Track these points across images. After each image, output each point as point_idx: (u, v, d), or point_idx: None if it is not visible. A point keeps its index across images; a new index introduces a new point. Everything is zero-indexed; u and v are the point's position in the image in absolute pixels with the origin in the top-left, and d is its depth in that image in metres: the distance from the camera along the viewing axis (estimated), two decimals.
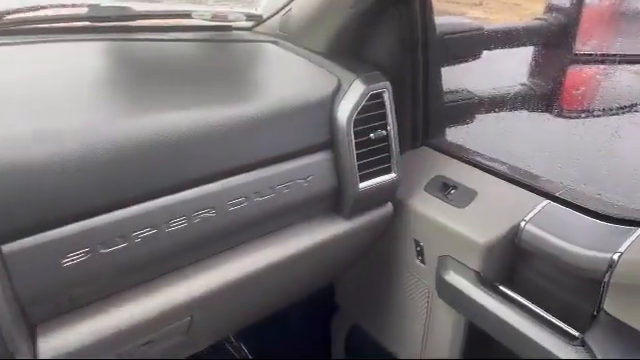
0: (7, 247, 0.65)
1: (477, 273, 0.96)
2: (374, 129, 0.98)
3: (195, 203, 0.80)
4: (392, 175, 1.02)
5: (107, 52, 1.03)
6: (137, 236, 0.75)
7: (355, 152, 0.95)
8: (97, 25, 1.12)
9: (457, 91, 1.28)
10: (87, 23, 1.12)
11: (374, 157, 0.99)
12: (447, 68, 1.19)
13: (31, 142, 0.67)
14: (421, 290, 1.12)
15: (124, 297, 0.79)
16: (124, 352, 0.82)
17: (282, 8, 1.15)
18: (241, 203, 0.86)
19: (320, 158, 0.95)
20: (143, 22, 1.18)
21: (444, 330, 1.08)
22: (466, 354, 1.06)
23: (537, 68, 1.34)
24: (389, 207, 1.09)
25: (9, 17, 1.02)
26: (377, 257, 1.20)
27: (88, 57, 0.98)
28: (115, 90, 0.87)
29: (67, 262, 0.70)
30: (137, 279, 0.80)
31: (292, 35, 1.12)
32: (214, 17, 1.21)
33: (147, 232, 0.76)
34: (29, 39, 1.00)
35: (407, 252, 1.12)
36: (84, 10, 1.07)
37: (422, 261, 1.09)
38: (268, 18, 1.21)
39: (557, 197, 0.95)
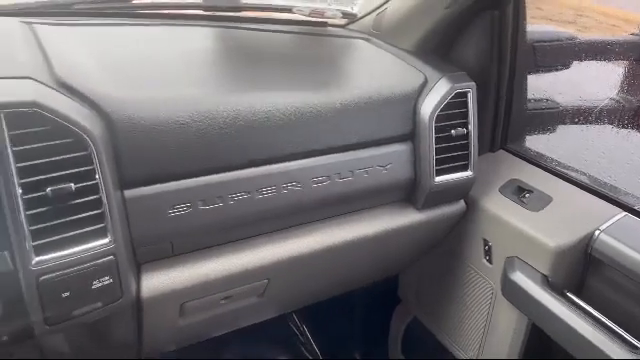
0: (129, 192, 0.77)
1: (545, 277, 0.98)
2: (455, 127, 1.02)
3: (284, 176, 0.89)
4: (468, 173, 1.06)
5: (217, 37, 1.15)
6: (232, 198, 0.85)
7: (435, 146, 1.00)
8: (208, 14, 1.25)
9: (541, 99, 1.28)
10: (200, 11, 1.25)
11: (452, 153, 1.03)
12: (534, 75, 1.21)
13: (167, 104, 0.78)
14: (485, 289, 1.14)
15: (215, 252, 0.88)
16: (206, 302, 0.92)
17: (377, 8, 1.22)
18: (323, 181, 0.93)
19: (400, 149, 1.01)
20: (248, 13, 1.30)
21: (505, 330, 1.10)
22: (525, 355, 1.07)
23: (630, 83, 1.32)
24: (461, 204, 1.12)
25: (138, 2, 1.18)
26: (443, 253, 1.24)
27: (201, 40, 1.10)
28: (226, 70, 0.98)
29: (172, 213, 0.80)
30: (227, 237, 0.90)
31: (384, 33, 1.19)
32: (312, 13, 1.30)
33: (241, 196, 0.85)
34: (155, 22, 1.14)
35: (474, 250, 1.15)
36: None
37: (489, 260, 1.11)
38: (362, 17, 1.28)
39: (635, 210, 0.95)
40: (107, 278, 0.73)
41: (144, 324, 0.87)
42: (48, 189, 0.67)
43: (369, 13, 1.25)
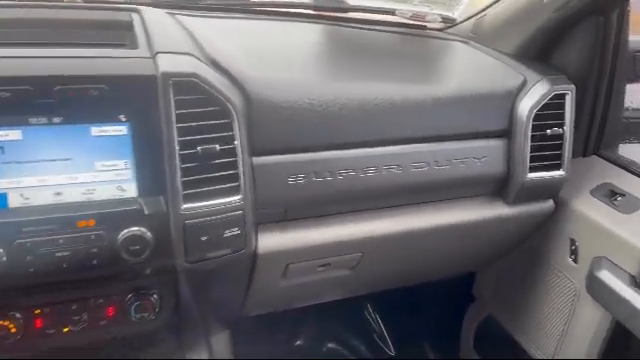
0: (256, 160, 0.88)
1: (633, 277, 1.00)
2: (551, 127, 1.06)
3: (387, 158, 0.97)
4: (561, 172, 1.09)
5: (327, 33, 1.26)
6: (340, 174, 0.94)
7: (530, 143, 1.05)
8: (317, 13, 1.37)
9: (638, 109, 1.29)
10: (310, 11, 1.38)
11: (546, 152, 1.07)
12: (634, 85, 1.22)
13: (295, 86, 0.90)
14: (567, 288, 1.17)
15: (320, 221, 0.99)
16: (306, 267, 1.02)
17: (477, 13, 1.28)
18: (422, 167, 1.01)
19: (495, 144, 1.07)
20: (352, 15, 1.41)
21: (585, 330, 1.12)
22: (605, 355, 1.09)
23: None
24: (550, 203, 1.16)
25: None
26: (525, 251, 1.27)
27: (313, 34, 1.22)
28: (336, 61, 1.09)
29: (290, 181, 0.91)
30: (332, 209, 1.00)
31: (483, 37, 1.25)
32: (413, 16, 1.39)
33: (348, 173, 0.95)
34: (271, 18, 1.28)
35: (560, 250, 1.18)
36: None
37: (574, 260, 1.14)
38: (461, 22, 1.35)
39: None
40: (236, 229, 0.84)
41: (253, 280, 0.98)
42: (199, 148, 0.79)
43: (469, 18, 1.32)
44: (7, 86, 0.70)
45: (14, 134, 0.72)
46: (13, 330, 0.78)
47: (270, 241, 0.94)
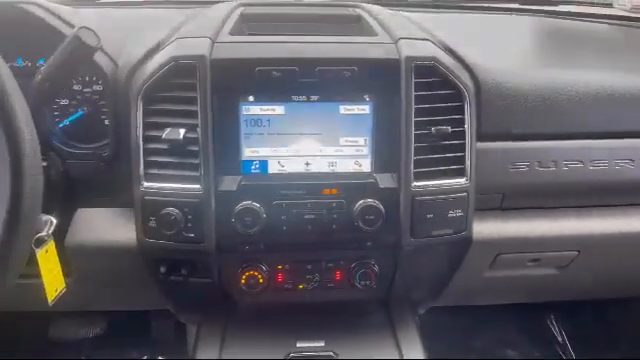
0: (480, 145, 0.89)
1: None
2: None
3: (620, 152, 0.92)
4: None
5: (538, 24, 1.23)
6: (565, 165, 0.91)
7: None
8: (525, 7, 1.34)
9: None
10: (516, 5, 1.36)
11: None
12: None
13: (524, 74, 0.91)
14: None
15: (538, 213, 0.97)
16: (516, 259, 1.00)
17: None
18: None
19: None
20: (563, 8, 1.36)
21: None
22: None
23: None
24: None
25: None
26: None
27: (524, 26, 1.20)
28: (549, 50, 1.06)
29: (511, 169, 0.91)
30: (551, 202, 0.97)
31: None
32: (634, 7, 1.29)
33: (574, 164, 0.91)
34: (478, 12, 1.29)
35: None
36: None
37: None
38: None
39: None
40: (460, 211, 0.87)
41: (461, 266, 0.99)
42: (432, 129, 0.83)
43: None
44: (279, 66, 0.81)
45: (279, 109, 0.84)
46: (261, 281, 0.89)
47: (485, 228, 0.94)
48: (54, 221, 0.77)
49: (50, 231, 0.76)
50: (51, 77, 0.70)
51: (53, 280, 0.77)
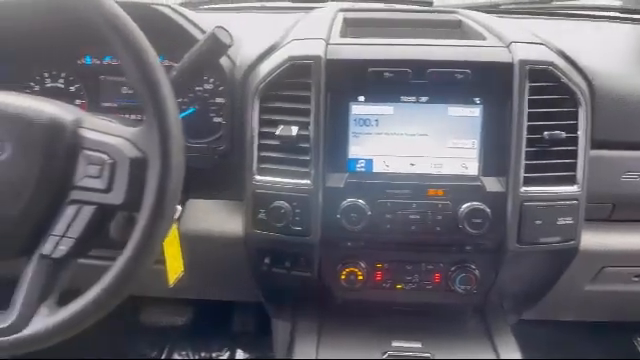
0: (593, 152, 0.87)
1: None
2: None
3: None
4: None
5: None
6: None
7: None
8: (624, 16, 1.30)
9: None
10: (617, 13, 1.31)
11: None
12: None
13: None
14: None
15: None
16: (621, 273, 0.96)
17: None
18: None
19: None
20: None
21: None
22: None
23: None
24: None
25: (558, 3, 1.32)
26: None
27: (628, 33, 1.16)
28: None
29: (624, 178, 0.88)
30: None
31: None
32: None
33: None
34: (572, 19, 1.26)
35: None
36: None
37: None
38: None
39: None
40: (570, 219, 0.84)
41: (562, 277, 0.96)
42: (545, 133, 0.82)
43: None
44: (392, 67, 0.82)
45: (388, 109, 0.85)
46: (360, 277, 0.91)
47: (592, 238, 0.91)
48: (179, 208, 0.82)
49: (176, 217, 0.81)
50: (185, 73, 0.75)
51: (174, 265, 0.82)
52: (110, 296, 0.62)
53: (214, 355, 1.50)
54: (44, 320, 0.62)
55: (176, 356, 1.51)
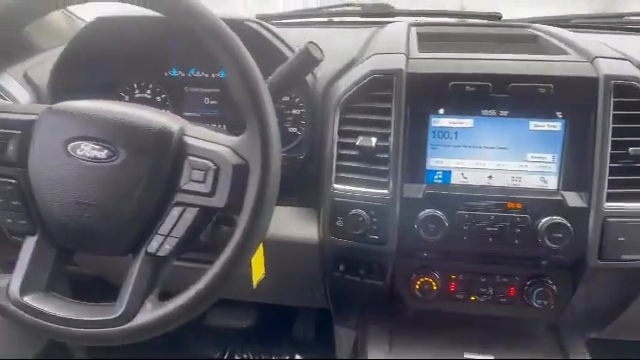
0: None
1: None
2: None
3: None
4: None
5: None
6: None
7: None
8: None
9: None
10: None
11: None
12: None
13: None
14: None
15: None
16: None
17: None
18: None
19: None
20: None
21: None
22: None
23: None
24: None
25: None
26: None
27: None
28: None
29: None
30: None
31: None
32: None
33: None
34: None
35: None
36: None
37: None
38: None
39: None
40: None
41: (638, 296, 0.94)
42: (630, 149, 0.81)
43: None
44: (474, 81, 0.84)
45: (467, 122, 0.86)
46: (434, 287, 0.92)
47: None
48: None
49: None
50: (277, 86, 0.80)
51: (258, 267, 0.86)
52: (210, 293, 0.66)
53: (274, 358, 1.54)
54: (149, 314, 0.67)
55: (237, 357, 1.56)
